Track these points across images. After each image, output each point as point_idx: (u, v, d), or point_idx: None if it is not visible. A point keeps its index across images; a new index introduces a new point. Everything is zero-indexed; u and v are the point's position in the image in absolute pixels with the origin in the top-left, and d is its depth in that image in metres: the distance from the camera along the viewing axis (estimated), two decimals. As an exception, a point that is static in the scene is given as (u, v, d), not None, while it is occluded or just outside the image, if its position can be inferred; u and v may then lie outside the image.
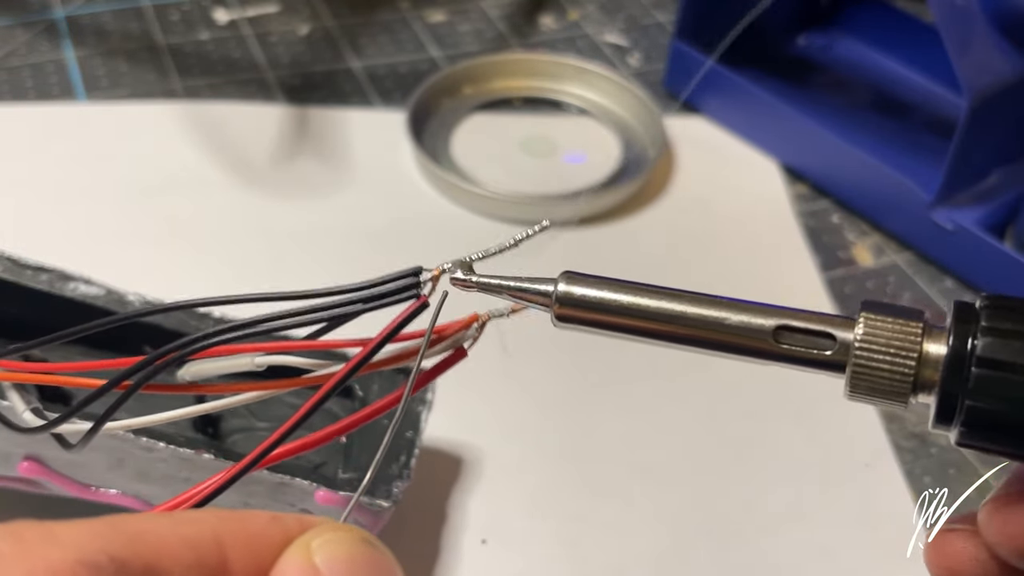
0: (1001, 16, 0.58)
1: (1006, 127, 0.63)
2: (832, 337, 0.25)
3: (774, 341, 0.25)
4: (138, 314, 0.34)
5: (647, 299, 0.26)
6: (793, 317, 0.25)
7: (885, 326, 0.25)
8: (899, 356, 0.24)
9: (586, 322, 0.26)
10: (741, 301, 0.26)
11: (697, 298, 0.26)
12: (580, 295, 0.26)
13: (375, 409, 0.25)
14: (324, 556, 0.19)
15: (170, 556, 0.18)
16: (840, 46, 0.78)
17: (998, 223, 0.63)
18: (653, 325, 0.26)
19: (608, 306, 0.26)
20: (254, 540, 0.19)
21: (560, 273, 0.27)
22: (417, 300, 0.25)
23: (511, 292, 0.27)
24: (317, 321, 0.25)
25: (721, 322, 0.26)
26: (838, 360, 0.25)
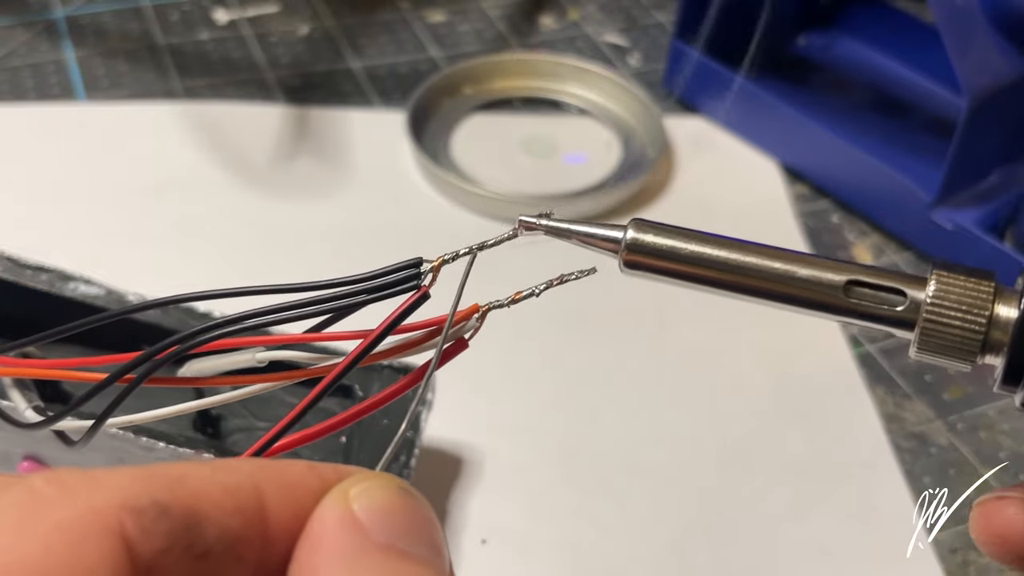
0: (1001, 16, 0.58)
1: (1006, 127, 0.63)
2: (903, 294, 0.25)
3: (844, 296, 0.25)
4: (136, 308, 0.34)
5: (716, 249, 0.26)
6: (864, 273, 0.25)
7: (957, 284, 0.25)
8: (970, 315, 0.25)
9: (654, 269, 0.26)
10: (810, 255, 0.26)
11: (767, 251, 0.26)
12: (649, 242, 0.26)
13: (375, 401, 0.25)
14: (362, 503, 0.19)
15: (210, 502, 0.18)
16: (840, 46, 0.78)
17: (998, 223, 0.63)
18: (721, 275, 0.26)
19: (677, 254, 0.26)
20: (292, 488, 0.19)
21: (630, 220, 0.27)
22: (418, 291, 0.25)
23: (580, 237, 0.27)
24: (317, 313, 0.25)
25: (791, 275, 0.25)
26: (908, 317, 0.25)
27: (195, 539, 0.18)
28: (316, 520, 0.19)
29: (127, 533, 0.17)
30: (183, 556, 0.17)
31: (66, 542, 0.16)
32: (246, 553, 0.18)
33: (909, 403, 0.57)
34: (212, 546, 0.18)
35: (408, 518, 0.20)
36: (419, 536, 0.19)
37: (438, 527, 0.20)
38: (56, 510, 0.17)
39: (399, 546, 0.19)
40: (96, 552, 0.16)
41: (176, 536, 0.17)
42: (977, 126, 0.60)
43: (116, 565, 0.17)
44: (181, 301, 0.26)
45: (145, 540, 0.17)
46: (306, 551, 0.19)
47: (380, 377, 0.47)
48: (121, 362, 0.25)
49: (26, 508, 0.17)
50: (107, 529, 0.17)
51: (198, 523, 0.18)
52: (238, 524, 0.18)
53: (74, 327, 0.27)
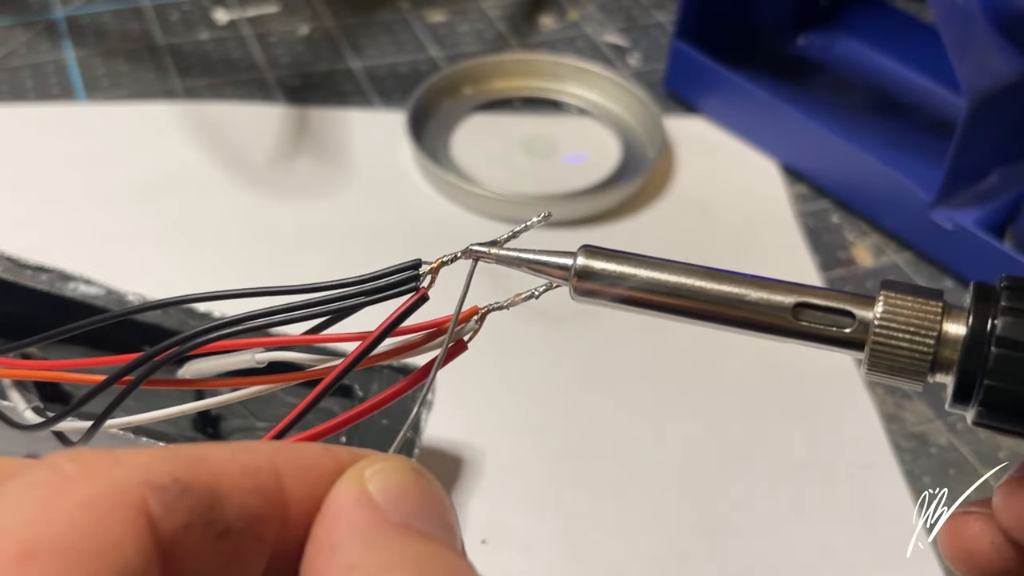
0: (1001, 16, 0.58)
1: (1006, 127, 0.63)
2: (851, 315, 0.25)
3: (793, 318, 0.25)
4: (136, 310, 0.34)
5: (666, 274, 0.26)
6: (813, 295, 0.25)
7: (905, 304, 0.25)
8: (918, 335, 0.25)
9: (605, 295, 0.26)
10: (760, 278, 0.26)
11: (716, 274, 0.26)
12: (599, 268, 0.26)
13: (376, 402, 0.25)
14: (377, 484, 0.20)
15: (230, 481, 0.18)
16: (840, 46, 0.78)
17: (998, 223, 0.63)
18: (672, 300, 0.26)
19: (627, 280, 0.26)
20: (308, 469, 0.20)
21: (579, 247, 0.27)
22: (416, 293, 0.25)
23: (530, 265, 0.27)
24: (317, 315, 0.25)
25: (740, 298, 0.26)
26: (857, 338, 0.25)
27: (216, 517, 0.18)
28: (333, 499, 0.19)
29: (150, 510, 0.17)
30: (204, 533, 0.18)
31: (90, 517, 0.17)
32: (265, 531, 0.19)
33: (909, 403, 0.57)
34: (233, 524, 0.18)
35: (422, 499, 0.20)
36: (432, 516, 0.20)
37: (451, 507, 0.21)
38: (80, 487, 0.17)
39: (414, 525, 0.19)
40: (120, 527, 0.17)
41: (198, 513, 0.18)
42: (977, 126, 0.60)
43: (140, 540, 0.17)
44: (181, 302, 0.26)
45: (167, 517, 0.17)
46: (324, 529, 0.19)
47: (380, 378, 0.47)
48: (121, 363, 0.25)
49: (51, 485, 0.17)
50: (130, 505, 0.17)
51: (219, 501, 0.18)
52: (257, 503, 0.19)
53: (74, 328, 0.27)
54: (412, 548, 0.19)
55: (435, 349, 0.25)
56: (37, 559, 0.16)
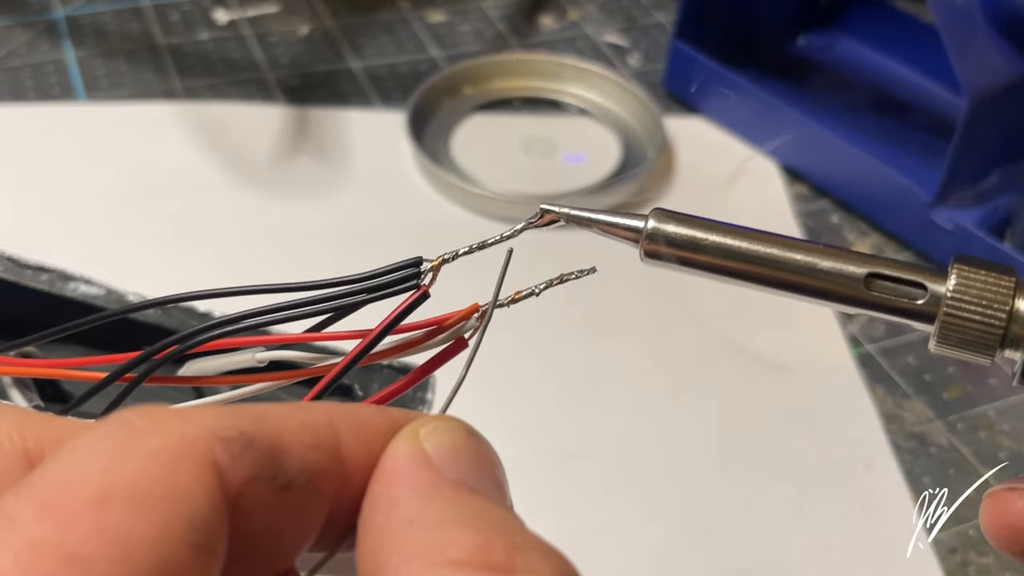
0: (1001, 16, 0.58)
1: (1006, 127, 0.63)
2: (923, 287, 0.25)
3: (865, 288, 0.25)
4: (136, 307, 0.34)
5: (737, 240, 0.26)
6: (885, 266, 0.25)
7: (977, 278, 0.25)
8: (990, 309, 0.25)
9: (674, 259, 0.26)
10: (833, 247, 0.26)
11: (788, 242, 0.26)
12: (670, 232, 0.26)
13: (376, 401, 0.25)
14: (432, 442, 0.20)
15: (291, 436, 0.19)
16: (840, 46, 0.78)
17: (998, 223, 0.63)
18: (742, 265, 0.26)
19: (697, 244, 0.26)
20: (364, 427, 0.20)
21: (651, 209, 0.27)
22: (417, 290, 0.25)
23: (600, 226, 0.27)
24: (317, 313, 0.25)
25: (812, 266, 0.25)
26: (928, 311, 0.25)
27: (279, 470, 0.18)
28: (389, 456, 0.20)
29: (217, 461, 0.18)
30: (269, 486, 0.18)
31: (161, 466, 0.17)
32: (325, 486, 0.19)
33: (909, 403, 0.57)
34: (295, 478, 0.19)
35: (475, 458, 0.21)
36: (485, 474, 0.21)
37: (501, 468, 0.21)
38: (150, 439, 0.17)
39: (467, 482, 0.20)
40: (190, 476, 0.17)
41: (262, 466, 0.18)
42: (977, 126, 0.60)
43: (209, 489, 0.17)
44: (181, 300, 0.26)
45: (234, 468, 0.18)
46: (381, 484, 0.20)
47: (380, 377, 0.47)
48: (121, 362, 0.25)
49: (122, 437, 0.17)
50: (199, 456, 0.17)
51: (281, 455, 0.19)
52: (317, 458, 0.19)
53: (74, 326, 0.27)
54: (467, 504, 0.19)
55: (436, 347, 0.25)
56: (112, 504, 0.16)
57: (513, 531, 0.19)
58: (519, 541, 0.18)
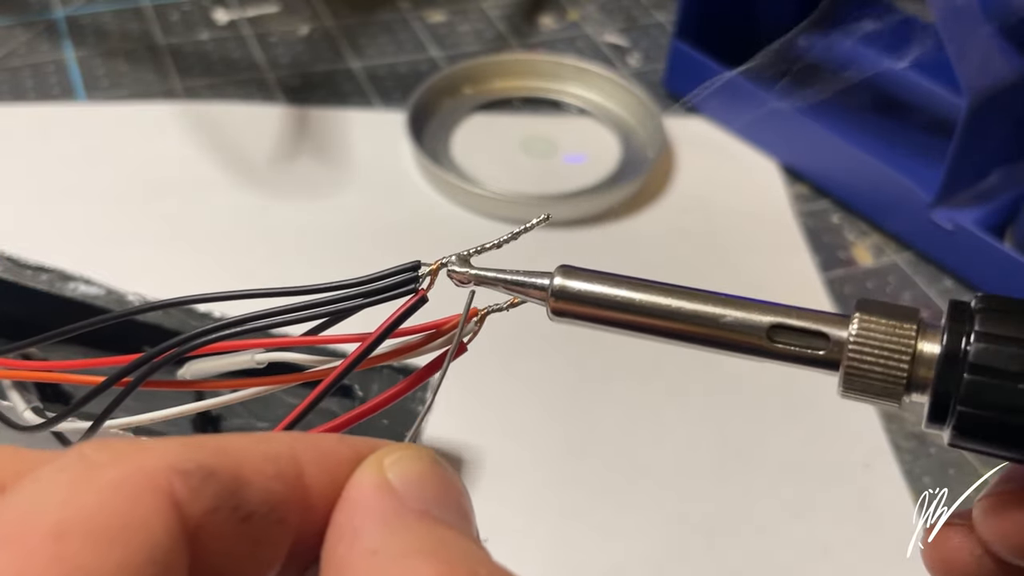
0: (1001, 16, 0.58)
1: (1006, 127, 0.63)
2: (826, 336, 0.25)
3: (768, 340, 0.25)
4: (136, 311, 0.34)
5: (643, 294, 0.26)
6: (788, 315, 0.25)
7: (879, 326, 0.24)
8: (892, 358, 0.24)
9: (582, 316, 0.26)
10: (737, 298, 0.26)
11: (693, 294, 0.26)
12: (576, 289, 0.26)
13: (377, 403, 0.25)
14: (396, 472, 0.20)
15: (252, 467, 0.19)
16: (840, 46, 0.78)
17: (998, 223, 0.63)
18: (649, 320, 0.26)
19: (604, 300, 0.26)
20: (326, 457, 0.20)
21: (556, 267, 0.26)
22: (416, 294, 0.25)
23: (507, 285, 0.27)
24: (316, 316, 0.25)
25: (716, 319, 0.25)
26: (832, 359, 0.25)
27: (240, 501, 0.18)
28: (353, 486, 0.20)
29: (176, 493, 0.18)
30: (230, 517, 0.18)
31: (120, 499, 0.17)
32: (288, 516, 0.19)
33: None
34: (256, 508, 0.19)
35: (439, 487, 0.20)
36: (449, 504, 0.20)
37: (467, 496, 0.21)
38: (108, 472, 0.17)
39: (432, 512, 0.20)
40: (148, 509, 0.17)
41: (222, 498, 0.18)
42: (977, 126, 0.60)
43: (168, 522, 0.17)
44: (182, 303, 0.26)
45: (193, 500, 0.18)
46: (345, 514, 0.20)
47: (380, 378, 0.47)
48: (120, 364, 0.25)
49: (80, 471, 0.17)
50: (158, 488, 0.17)
51: (242, 487, 0.18)
52: (279, 488, 0.19)
53: (75, 328, 0.27)
54: (431, 534, 0.19)
55: (435, 350, 0.25)
56: (69, 538, 0.16)
57: (477, 562, 0.18)
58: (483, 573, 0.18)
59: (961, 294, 0.64)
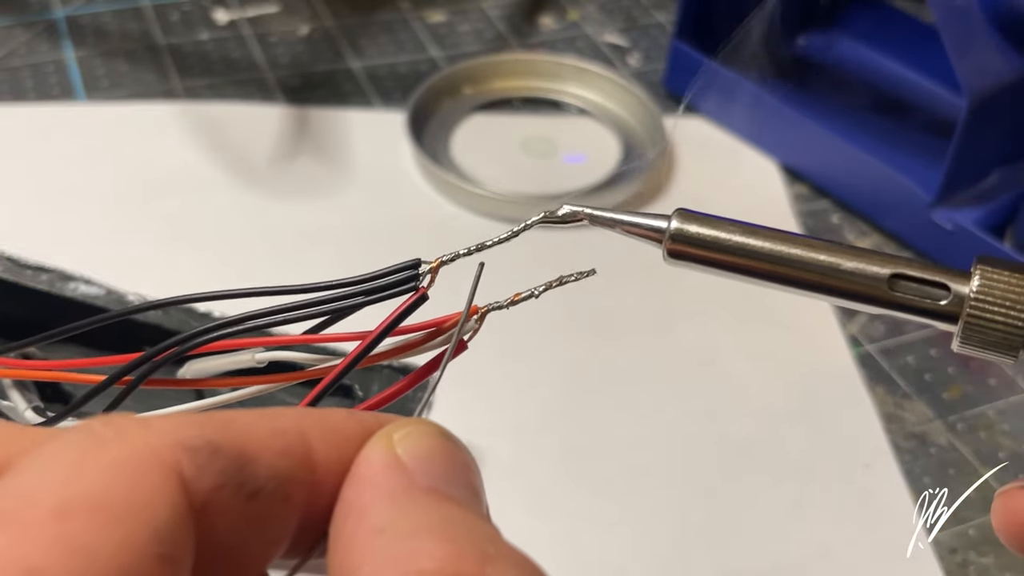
0: (1001, 16, 0.58)
1: (1006, 127, 0.63)
2: (947, 288, 0.25)
3: (888, 289, 0.25)
4: (136, 309, 0.34)
5: (760, 240, 0.26)
6: (908, 266, 0.25)
7: (1001, 279, 0.25)
8: (1013, 310, 0.25)
9: (698, 259, 0.26)
10: (855, 248, 0.26)
11: (812, 243, 0.26)
12: (694, 232, 0.26)
13: (376, 402, 0.25)
14: (406, 447, 0.20)
15: (259, 443, 0.19)
16: (840, 46, 0.78)
17: (998, 223, 0.63)
18: (765, 266, 0.26)
19: (720, 245, 0.26)
20: (334, 432, 0.20)
21: (674, 210, 0.27)
22: (416, 292, 0.25)
23: (623, 226, 0.27)
24: (316, 314, 0.25)
25: (836, 267, 0.25)
26: (952, 311, 0.25)
27: (247, 478, 0.18)
28: (362, 462, 0.20)
29: (182, 470, 0.17)
30: (236, 494, 0.18)
31: (125, 476, 0.17)
32: (295, 492, 0.19)
33: (909, 403, 0.57)
34: (263, 485, 0.18)
35: (449, 463, 0.20)
36: (459, 480, 0.20)
37: (477, 472, 0.21)
38: (114, 448, 0.17)
39: (441, 489, 0.19)
40: (154, 486, 0.17)
41: (229, 474, 0.18)
42: (977, 126, 0.60)
43: (173, 499, 0.17)
44: (182, 302, 0.26)
45: (200, 477, 0.18)
46: (353, 490, 0.19)
47: (380, 377, 0.47)
48: (120, 363, 0.25)
49: (85, 448, 0.17)
50: (163, 465, 0.17)
51: (249, 463, 0.18)
52: (286, 464, 0.19)
53: (75, 328, 0.27)
54: (440, 511, 0.19)
55: (435, 348, 0.25)
56: (73, 516, 0.16)
57: (486, 540, 0.18)
58: (491, 551, 0.18)
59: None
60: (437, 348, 0.25)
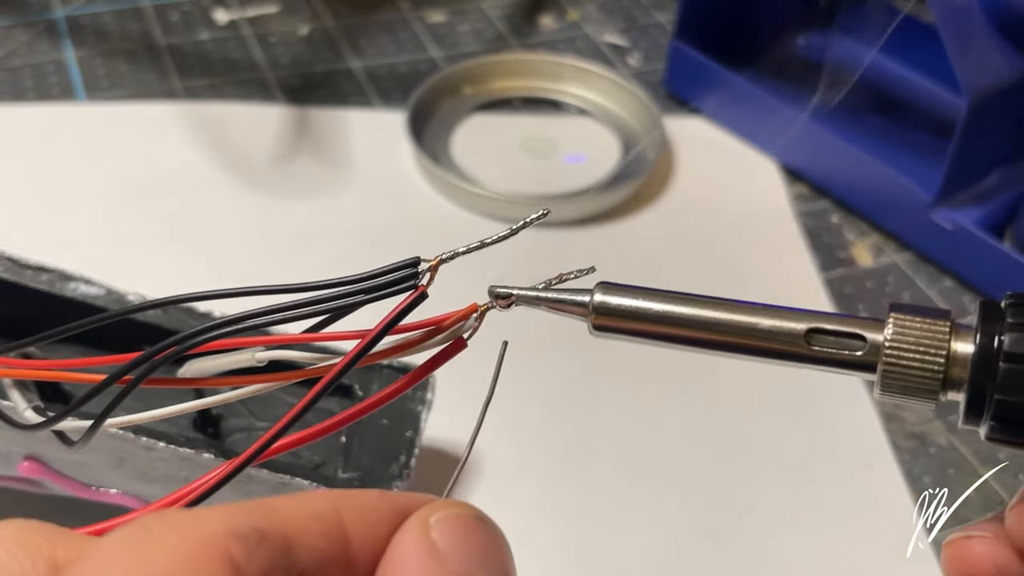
0: (1001, 16, 0.58)
1: (1005, 127, 0.63)
2: (862, 338, 0.26)
3: (806, 344, 0.26)
4: (133, 309, 0.34)
5: (681, 307, 0.27)
6: (823, 320, 0.26)
7: (913, 326, 0.25)
8: (928, 355, 0.25)
9: (622, 331, 0.27)
10: (771, 306, 0.26)
11: (729, 304, 0.27)
12: (615, 304, 0.27)
13: (375, 401, 0.25)
14: (440, 531, 0.21)
15: (300, 527, 0.19)
16: (840, 46, 0.78)
17: (997, 223, 0.63)
18: (688, 332, 0.27)
19: (643, 314, 0.27)
20: (368, 514, 0.21)
21: (596, 284, 0.27)
22: (415, 290, 0.25)
23: (549, 304, 0.28)
24: (316, 313, 0.25)
25: (753, 327, 0.26)
26: (869, 361, 0.26)
27: (292, 561, 0.19)
28: (397, 545, 0.20)
29: (234, 557, 0.18)
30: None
31: (182, 562, 0.18)
32: (334, 574, 0.20)
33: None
34: (306, 567, 0.19)
35: (483, 546, 0.21)
36: (492, 564, 0.21)
37: (510, 554, 0.22)
38: (171, 538, 0.18)
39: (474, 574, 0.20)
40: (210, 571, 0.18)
41: (275, 559, 0.19)
42: (977, 126, 0.60)
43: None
44: (181, 301, 0.26)
45: (250, 563, 0.18)
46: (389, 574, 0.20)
47: (379, 376, 0.47)
48: (120, 363, 0.25)
49: (144, 538, 0.18)
50: (217, 553, 0.18)
51: (292, 547, 0.19)
52: (325, 546, 0.20)
53: (75, 327, 0.27)
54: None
55: (434, 347, 0.25)
56: None
57: None
58: None
59: (961, 294, 0.64)
60: (436, 347, 0.25)
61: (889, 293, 0.64)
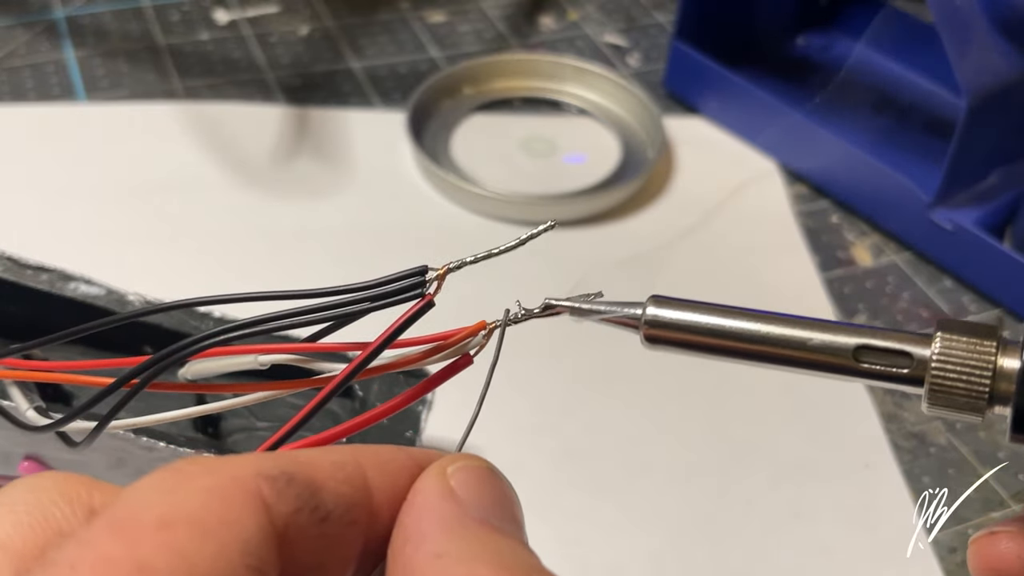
0: (1001, 16, 0.58)
1: (1005, 127, 0.63)
2: (910, 355, 0.26)
3: (854, 360, 0.26)
4: (139, 313, 0.34)
5: (732, 320, 0.27)
6: (872, 336, 0.26)
7: (960, 344, 0.26)
8: (975, 373, 0.26)
9: (674, 343, 0.28)
10: (821, 321, 0.27)
11: (780, 319, 0.27)
12: (668, 318, 0.28)
13: (380, 411, 0.25)
14: (459, 480, 0.22)
15: (325, 473, 0.21)
16: (840, 46, 0.78)
17: (997, 223, 0.63)
18: (738, 345, 0.27)
19: (694, 328, 0.27)
20: (387, 464, 0.22)
21: (648, 296, 0.28)
22: (422, 299, 0.25)
23: (601, 315, 0.29)
24: (321, 320, 0.25)
25: (804, 342, 0.27)
26: (917, 375, 0.26)
27: (318, 503, 0.20)
28: (418, 491, 0.22)
29: (264, 495, 0.19)
30: (310, 517, 0.20)
31: (215, 499, 0.19)
32: (358, 517, 0.21)
33: (909, 403, 0.57)
34: (332, 510, 0.20)
35: (497, 496, 0.22)
36: (506, 513, 0.22)
37: (519, 506, 0.23)
38: (203, 478, 0.19)
39: (490, 521, 0.21)
40: (241, 507, 0.19)
41: (303, 499, 0.20)
42: (977, 126, 0.60)
43: (259, 519, 0.19)
44: (186, 306, 0.26)
45: (279, 502, 0.19)
46: (411, 518, 0.21)
47: (379, 378, 0.47)
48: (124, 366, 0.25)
49: (177, 479, 0.19)
50: (247, 490, 0.19)
51: (318, 490, 0.20)
52: (349, 492, 0.21)
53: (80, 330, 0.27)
54: (491, 542, 0.21)
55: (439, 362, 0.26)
56: (174, 527, 0.18)
57: (533, 569, 0.20)
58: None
59: (960, 294, 0.64)
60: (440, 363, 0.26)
61: (889, 293, 0.64)
